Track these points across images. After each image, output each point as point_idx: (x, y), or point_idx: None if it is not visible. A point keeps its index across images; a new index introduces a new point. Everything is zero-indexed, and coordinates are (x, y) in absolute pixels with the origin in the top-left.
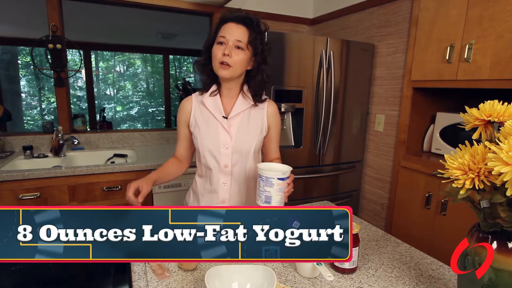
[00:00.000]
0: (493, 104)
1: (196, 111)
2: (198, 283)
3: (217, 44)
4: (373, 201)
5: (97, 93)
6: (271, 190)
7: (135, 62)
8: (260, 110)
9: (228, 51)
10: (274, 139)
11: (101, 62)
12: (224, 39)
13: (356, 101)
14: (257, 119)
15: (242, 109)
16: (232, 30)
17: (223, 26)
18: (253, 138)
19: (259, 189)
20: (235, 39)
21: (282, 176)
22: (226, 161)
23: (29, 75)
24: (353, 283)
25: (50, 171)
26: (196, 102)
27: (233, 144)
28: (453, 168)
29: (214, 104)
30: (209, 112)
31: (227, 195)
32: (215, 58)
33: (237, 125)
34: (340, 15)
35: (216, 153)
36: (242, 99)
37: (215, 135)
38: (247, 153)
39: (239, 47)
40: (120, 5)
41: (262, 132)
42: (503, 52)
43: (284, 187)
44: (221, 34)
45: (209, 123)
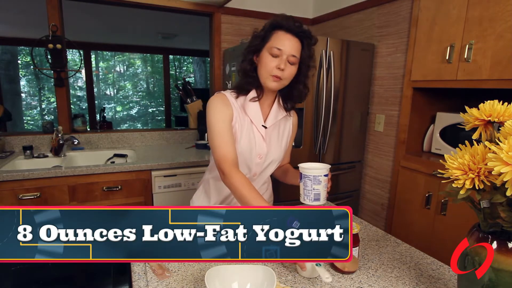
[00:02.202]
0: (493, 104)
1: (237, 113)
2: (198, 283)
3: (270, 55)
4: (373, 201)
5: (97, 93)
6: (319, 187)
7: (135, 62)
8: (288, 121)
9: (283, 65)
10: (290, 146)
11: (101, 62)
12: (280, 52)
13: (356, 101)
14: (286, 129)
15: (277, 118)
16: (288, 43)
17: (276, 35)
18: (283, 149)
19: (306, 189)
20: (291, 54)
21: (326, 172)
22: (257, 170)
23: (29, 75)
24: (353, 283)
25: (50, 171)
26: (236, 104)
27: (267, 154)
28: (453, 168)
29: (255, 110)
30: (249, 119)
31: None
32: (266, 69)
33: (272, 135)
34: (340, 15)
35: (250, 162)
36: (277, 108)
37: (253, 144)
38: (275, 163)
39: (292, 63)
40: (120, 5)
41: (287, 143)
42: (503, 52)
43: (327, 183)
44: (276, 45)
45: (248, 130)
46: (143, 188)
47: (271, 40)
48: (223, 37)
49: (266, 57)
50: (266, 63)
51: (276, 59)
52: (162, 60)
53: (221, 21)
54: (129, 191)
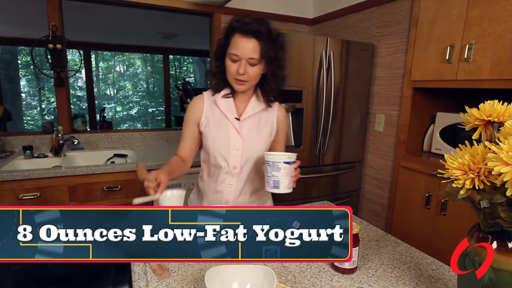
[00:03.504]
0: (493, 104)
1: (208, 110)
2: (198, 283)
3: (230, 60)
4: (373, 201)
5: (97, 93)
6: (278, 174)
7: (135, 62)
8: (270, 114)
9: (243, 70)
10: (281, 142)
11: (101, 62)
12: (237, 57)
13: (356, 101)
14: (267, 122)
15: (254, 111)
16: (244, 47)
17: (233, 39)
18: (263, 141)
19: (266, 175)
20: (247, 57)
21: (288, 160)
22: (236, 163)
23: (29, 75)
24: (353, 283)
25: (50, 171)
26: (209, 101)
27: (244, 146)
28: (453, 168)
29: (227, 105)
30: (221, 113)
31: (232, 196)
32: (230, 73)
33: (248, 127)
34: (340, 15)
35: (226, 154)
36: (255, 101)
37: (226, 136)
38: (256, 155)
39: (253, 64)
40: (120, 5)
41: (271, 135)
42: (503, 52)
43: (291, 172)
44: (232, 51)
45: (221, 123)
46: (143, 188)
47: (230, 46)
48: None
49: (227, 62)
50: (228, 68)
51: (235, 64)
52: (162, 60)
53: (221, 21)
54: (129, 191)
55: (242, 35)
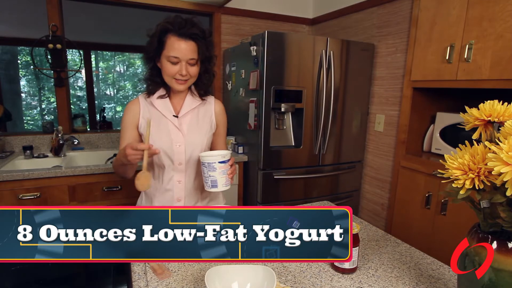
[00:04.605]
0: (493, 104)
1: (145, 112)
2: (198, 283)
3: (169, 62)
4: (373, 201)
5: (97, 93)
6: (215, 174)
7: (135, 62)
8: (208, 108)
9: (185, 71)
10: (222, 135)
11: (101, 62)
12: (177, 59)
13: (356, 101)
14: (206, 116)
15: (191, 107)
16: (184, 49)
17: (170, 41)
18: (204, 134)
19: (204, 176)
20: (188, 58)
21: (222, 159)
22: (180, 159)
23: (29, 75)
24: (353, 283)
25: (50, 171)
26: (144, 103)
27: (186, 141)
28: (453, 168)
29: (164, 104)
30: (159, 112)
31: (183, 193)
32: (169, 75)
33: (188, 123)
34: (340, 15)
35: (170, 151)
36: (191, 98)
37: (167, 134)
38: (199, 149)
39: (193, 64)
40: (120, 5)
41: (211, 128)
42: (503, 52)
43: (227, 170)
44: (172, 54)
45: (160, 123)
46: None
47: (166, 48)
48: (223, 37)
49: (166, 64)
50: (168, 69)
51: (176, 65)
52: None
53: (221, 21)
54: (129, 191)
55: (179, 37)
